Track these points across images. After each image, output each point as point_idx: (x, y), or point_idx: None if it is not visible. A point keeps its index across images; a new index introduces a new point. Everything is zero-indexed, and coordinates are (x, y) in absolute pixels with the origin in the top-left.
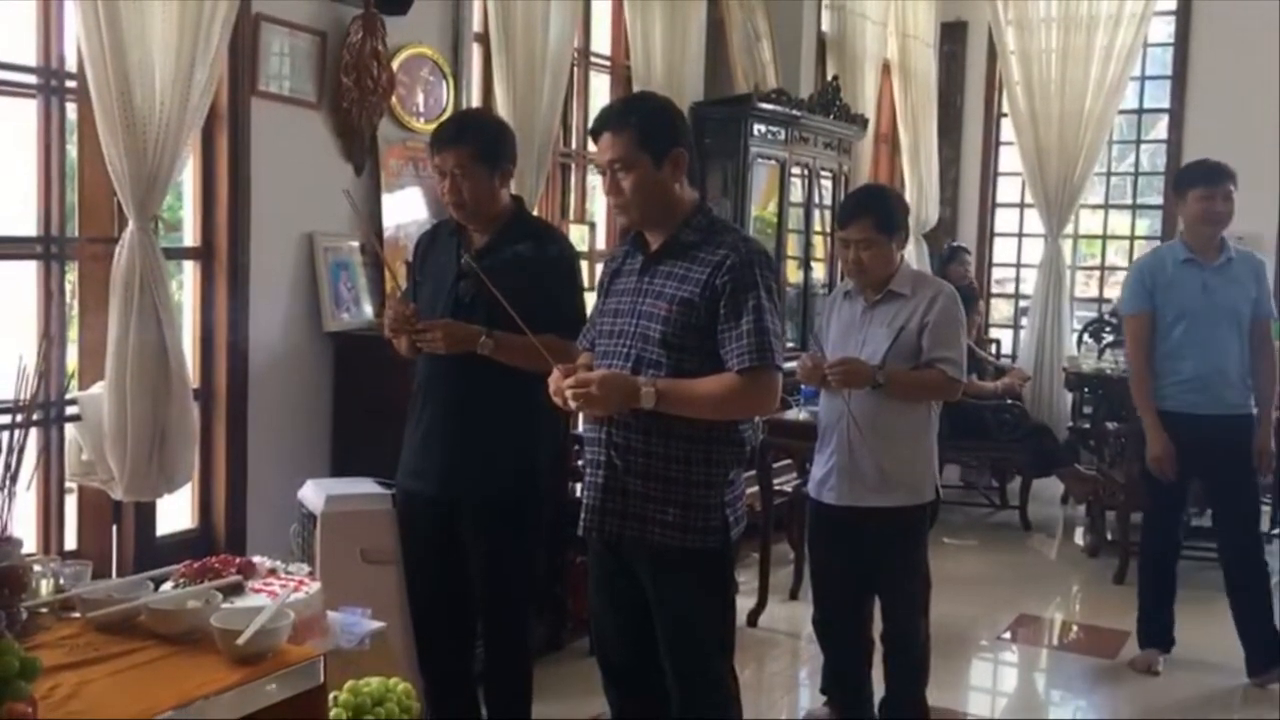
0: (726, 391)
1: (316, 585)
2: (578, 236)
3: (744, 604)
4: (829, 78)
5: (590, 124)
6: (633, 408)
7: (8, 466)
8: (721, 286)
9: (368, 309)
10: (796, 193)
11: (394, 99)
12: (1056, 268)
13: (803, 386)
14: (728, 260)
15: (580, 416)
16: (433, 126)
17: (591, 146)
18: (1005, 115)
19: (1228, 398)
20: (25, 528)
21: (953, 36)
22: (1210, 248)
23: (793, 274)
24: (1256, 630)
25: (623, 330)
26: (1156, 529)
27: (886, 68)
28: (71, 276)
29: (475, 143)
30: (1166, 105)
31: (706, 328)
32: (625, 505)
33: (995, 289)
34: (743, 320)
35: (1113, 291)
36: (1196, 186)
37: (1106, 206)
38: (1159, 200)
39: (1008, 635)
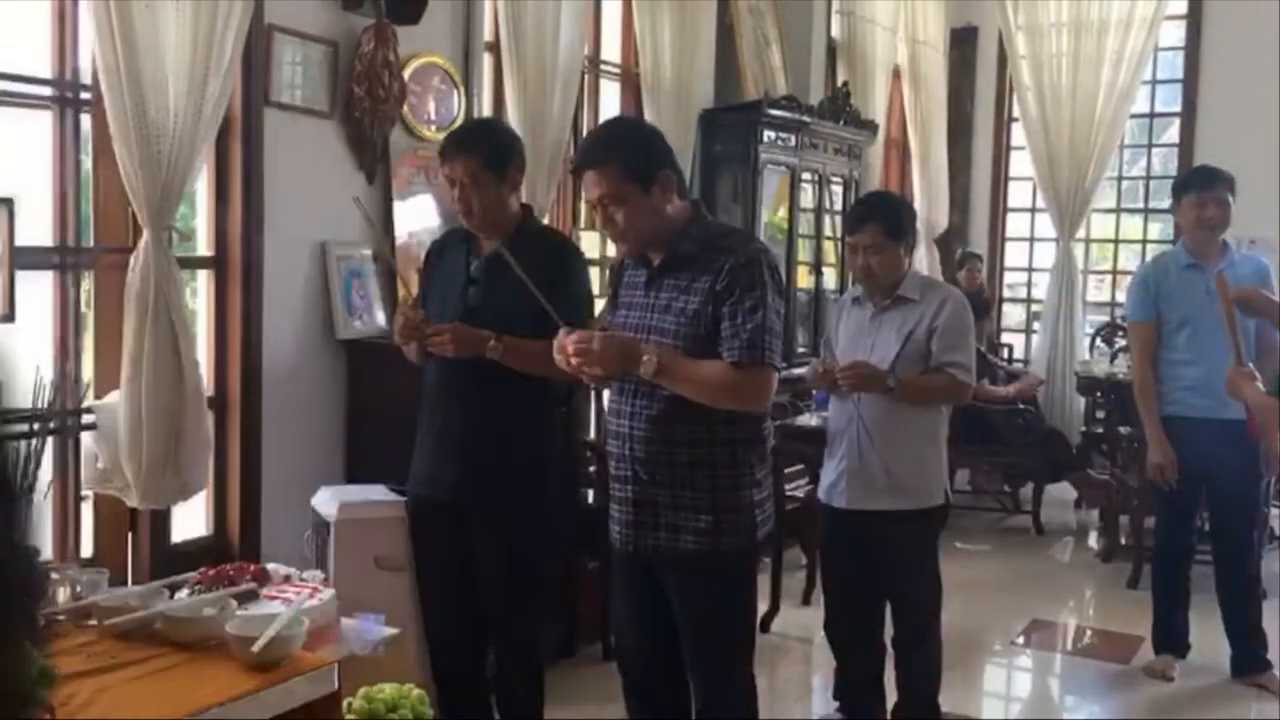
0: (721, 378)
1: (330, 592)
2: (590, 243)
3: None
4: (839, 84)
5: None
6: (628, 370)
7: (25, 475)
8: (724, 290)
9: (380, 316)
10: (807, 198)
11: (405, 108)
12: (1068, 272)
13: (815, 392)
14: (727, 264)
15: (594, 423)
16: (444, 135)
17: None
18: (1016, 120)
19: (1234, 402)
20: (42, 536)
21: (963, 42)
22: (1211, 252)
23: (804, 279)
24: (1242, 632)
25: None
26: (1168, 534)
27: (896, 73)
28: (87, 286)
29: (483, 151)
30: (1178, 109)
31: (714, 336)
32: (657, 518)
33: (1007, 294)
34: (739, 316)
35: (1125, 295)
36: (1189, 192)
37: (1118, 210)
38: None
39: (1021, 640)
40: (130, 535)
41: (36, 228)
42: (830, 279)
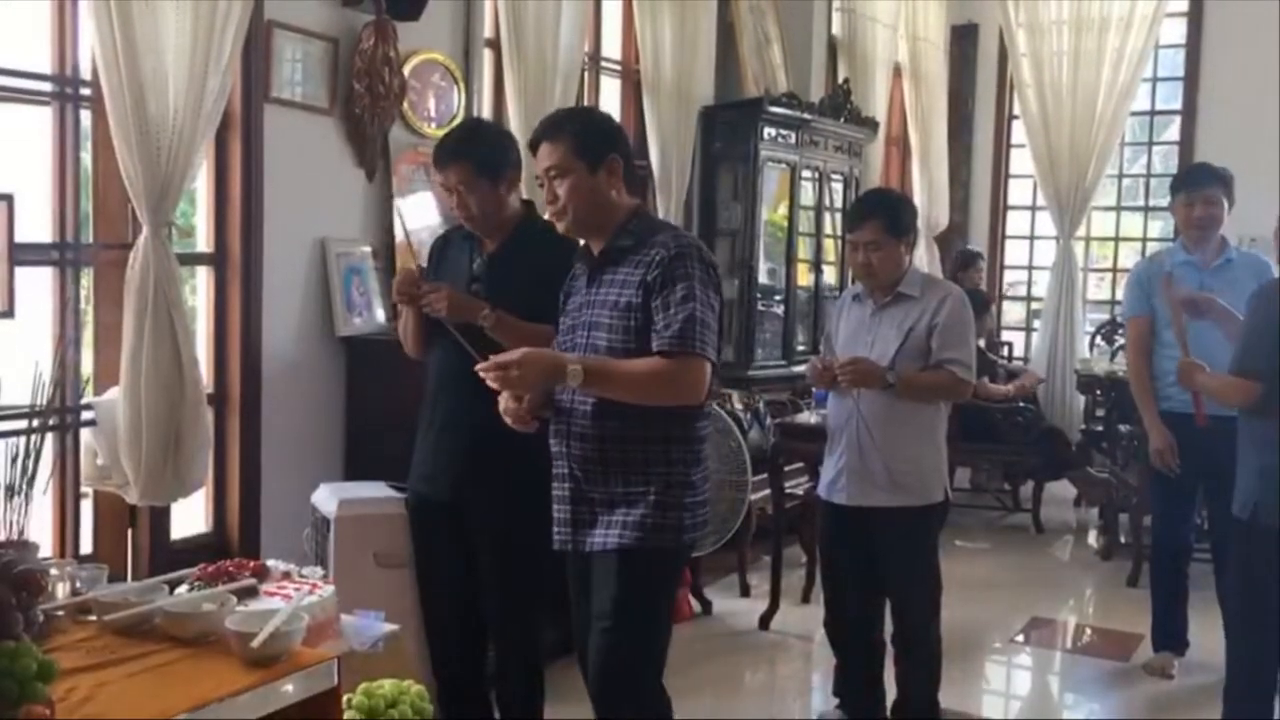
0: (651, 373)
1: (330, 588)
2: None
3: (756, 607)
4: (839, 81)
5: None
6: (559, 384)
7: (24, 471)
8: (654, 281)
9: (380, 313)
10: (807, 196)
11: (405, 104)
12: (1068, 270)
13: (815, 390)
14: (658, 256)
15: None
16: (444, 132)
17: None
18: (1016, 118)
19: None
20: (42, 532)
21: (963, 39)
22: (1208, 249)
23: (804, 277)
24: None
25: (576, 344)
26: (1166, 531)
27: (897, 71)
28: (86, 283)
29: (474, 157)
30: (1178, 107)
31: (648, 328)
32: (593, 516)
33: (1007, 291)
34: (671, 308)
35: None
36: (1179, 192)
37: (1119, 208)
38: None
39: (1021, 638)
40: (130, 532)
41: (36, 224)
42: (830, 276)
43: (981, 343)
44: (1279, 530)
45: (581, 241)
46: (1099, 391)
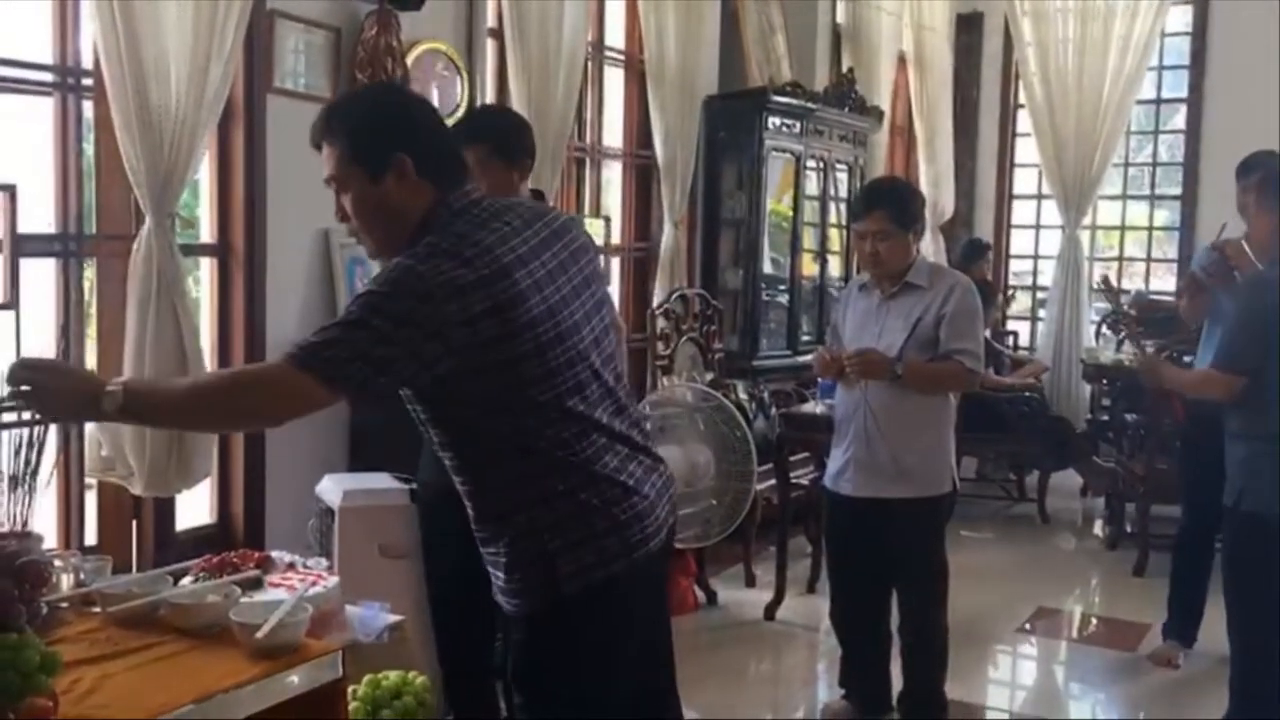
0: (213, 385)
1: (335, 580)
2: (594, 231)
3: (762, 597)
4: (844, 70)
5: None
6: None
7: (28, 462)
8: None
9: None
10: (812, 186)
11: None
12: (1074, 259)
13: (820, 380)
14: None
15: None
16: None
17: (606, 140)
18: (1022, 106)
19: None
20: (46, 523)
21: (968, 27)
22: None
23: (808, 267)
24: None
25: None
26: (1191, 523)
27: (902, 60)
28: (89, 274)
29: (491, 140)
30: (1184, 95)
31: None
32: (490, 571)
33: (1013, 281)
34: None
35: (1130, 283)
36: (1239, 178)
37: (1124, 197)
38: (1177, 190)
39: (1027, 628)
40: (134, 523)
41: (39, 215)
42: (835, 266)
43: (987, 333)
44: (1263, 515)
45: None
46: (1105, 381)
